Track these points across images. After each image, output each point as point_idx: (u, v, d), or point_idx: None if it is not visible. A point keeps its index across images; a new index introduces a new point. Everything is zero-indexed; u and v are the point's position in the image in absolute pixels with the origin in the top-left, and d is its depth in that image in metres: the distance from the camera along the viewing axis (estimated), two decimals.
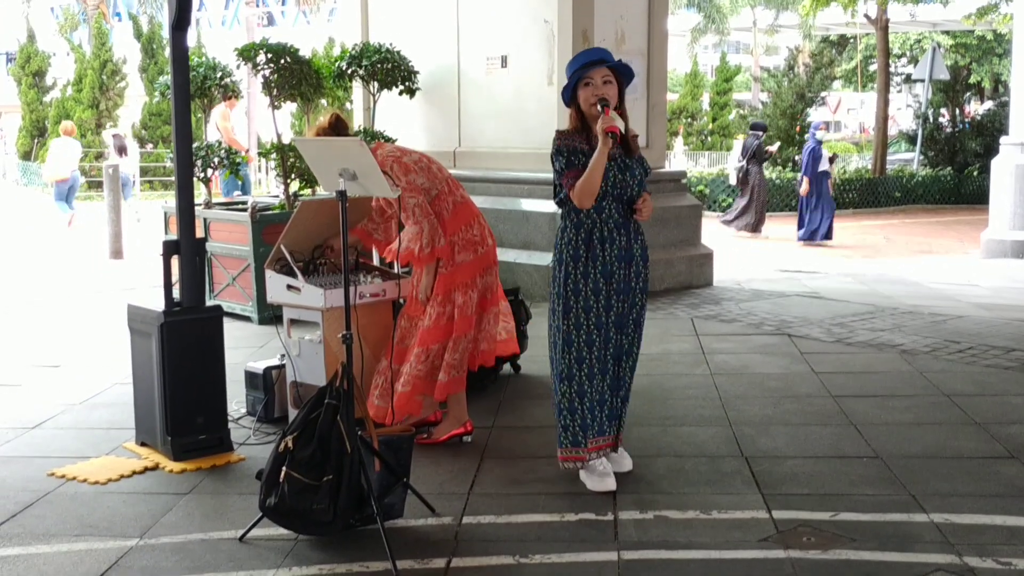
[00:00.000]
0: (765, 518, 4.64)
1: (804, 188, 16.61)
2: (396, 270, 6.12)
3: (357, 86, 11.24)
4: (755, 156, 17.88)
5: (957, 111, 27.64)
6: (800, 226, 16.80)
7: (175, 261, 5.49)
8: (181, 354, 5.38)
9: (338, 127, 5.63)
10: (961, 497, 4.86)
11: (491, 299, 5.77)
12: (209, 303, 5.68)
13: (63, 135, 19.30)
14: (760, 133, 18.42)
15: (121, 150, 20.72)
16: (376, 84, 10.46)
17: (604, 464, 5.03)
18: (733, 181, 18.38)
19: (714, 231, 15.47)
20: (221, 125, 15.31)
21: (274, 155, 9.85)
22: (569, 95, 4.91)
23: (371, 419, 4.54)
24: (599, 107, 4.74)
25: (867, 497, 4.88)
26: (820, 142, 17.24)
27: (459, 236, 5.61)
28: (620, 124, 4.73)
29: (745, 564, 4.18)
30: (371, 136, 10.05)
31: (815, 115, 28.43)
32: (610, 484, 4.97)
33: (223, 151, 9.83)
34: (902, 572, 4.06)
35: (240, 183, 14.51)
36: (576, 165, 4.83)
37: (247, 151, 16.08)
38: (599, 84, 4.83)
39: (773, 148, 19.42)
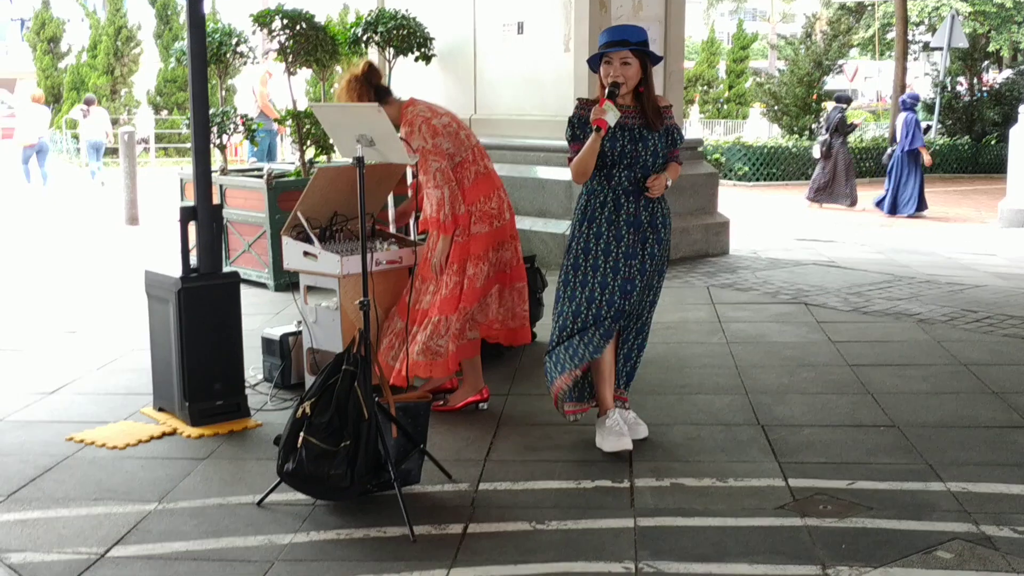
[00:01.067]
0: (781, 486, 4.64)
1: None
2: (413, 237, 6.11)
3: (372, 52, 11.20)
4: (838, 129, 17.51)
5: (975, 79, 27.41)
6: (891, 198, 16.43)
7: (192, 227, 5.49)
8: (198, 320, 5.39)
9: (371, 76, 5.60)
10: (978, 466, 4.86)
11: (510, 274, 5.72)
12: (225, 270, 5.68)
13: (32, 102, 20.48)
14: (844, 106, 17.95)
15: (86, 114, 21.92)
16: (392, 50, 10.41)
17: (619, 424, 5.06)
18: (817, 155, 17.89)
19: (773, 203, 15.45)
20: (259, 90, 15.21)
21: (289, 122, 9.83)
22: (596, 67, 4.97)
23: (388, 385, 4.55)
24: (607, 94, 4.82)
25: (884, 466, 4.88)
26: (916, 112, 16.94)
27: (476, 207, 5.55)
28: (611, 117, 4.77)
29: (762, 532, 4.18)
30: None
31: (833, 82, 28.23)
32: (626, 444, 5.00)
33: (238, 118, 9.81)
34: (919, 540, 4.06)
35: (255, 149, 14.43)
36: (580, 139, 4.93)
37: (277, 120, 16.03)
38: (616, 66, 4.87)
39: (858, 121, 18.76)
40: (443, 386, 5.80)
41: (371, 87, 5.57)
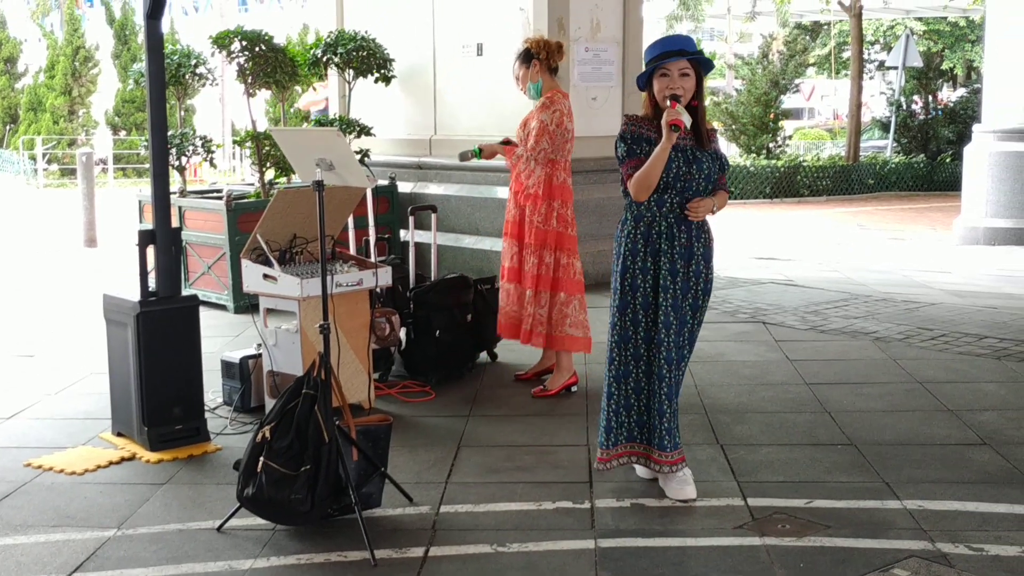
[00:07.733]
0: (740, 505, 4.67)
1: None
2: (372, 259, 6.11)
3: (332, 74, 11.21)
4: None
5: (930, 98, 27.73)
6: None
7: (151, 251, 5.47)
8: (157, 344, 5.36)
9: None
10: (934, 483, 4.91)
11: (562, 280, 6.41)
12: (184, 292, 5.66)
13: None
14: None
15: None
16: (351, 72, 10.43)
17: (685, 472, 4.79)
18: None
19: None
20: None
21: (248, 143, 9.82)
22: (644, 82, 4.67)
23: (348, 408, 4.55)
24: (668, 101, 4.52)
25: (841, 484, 4.93)
26: None
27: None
28: (686, 119, 4.51)
29: (721, 551, 4.21)
30: (346, 124, 10.03)
31: (789, 101, 28.33)
32: (690, 492, 4.75)
33: (198, 139, 9.79)
34: (876, 558, 4.10)
35: None
36: (637, 154, 4.60)
37: None
38: (675, 77, 4.55)
39: None
40: (545, 368, 6.60)
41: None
